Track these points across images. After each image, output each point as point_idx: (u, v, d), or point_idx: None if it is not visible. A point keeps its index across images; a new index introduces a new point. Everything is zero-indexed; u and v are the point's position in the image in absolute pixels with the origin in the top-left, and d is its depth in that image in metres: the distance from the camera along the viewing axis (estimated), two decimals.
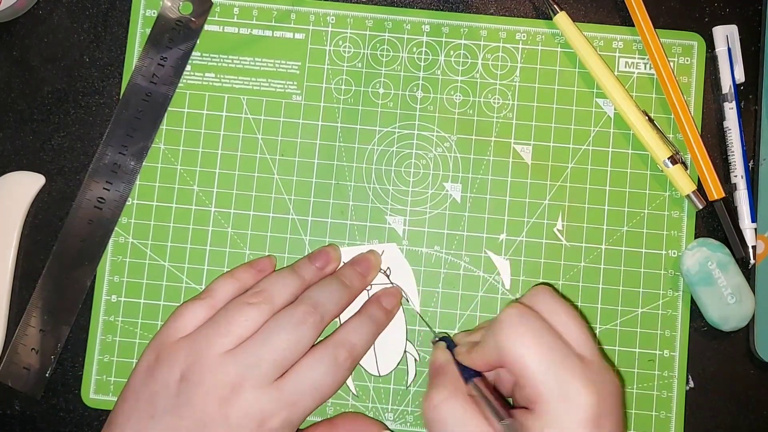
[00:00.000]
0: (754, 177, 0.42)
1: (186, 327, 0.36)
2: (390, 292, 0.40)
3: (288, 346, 0.35)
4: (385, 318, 0.39)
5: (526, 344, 0.31)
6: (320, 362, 0.35)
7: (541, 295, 0.35)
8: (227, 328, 0.35)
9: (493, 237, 0.42)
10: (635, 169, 0.42)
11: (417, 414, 0.41)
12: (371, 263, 0.40)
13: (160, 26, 0.42)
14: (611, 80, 0.41)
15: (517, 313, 0.32)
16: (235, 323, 0.35)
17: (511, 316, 0.32)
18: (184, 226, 0.42)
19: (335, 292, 0.37)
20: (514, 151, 0.42)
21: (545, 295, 0.35)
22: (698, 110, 0.42)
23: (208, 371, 0.34)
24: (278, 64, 0.42)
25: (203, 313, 0.36)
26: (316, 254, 0.40)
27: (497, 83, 0.42)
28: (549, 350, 0.31)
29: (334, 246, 0.41)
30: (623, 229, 0.42)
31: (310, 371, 0.35)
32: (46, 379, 0.41)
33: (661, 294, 0.41)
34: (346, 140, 0.42)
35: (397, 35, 0.43)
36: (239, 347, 0.35)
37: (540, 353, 0.31)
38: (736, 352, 0.41)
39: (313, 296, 0.36)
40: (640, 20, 0.42)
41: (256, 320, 0.35)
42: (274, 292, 0.36)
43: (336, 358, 0.35)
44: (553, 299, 0.34)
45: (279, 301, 0.36)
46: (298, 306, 0.36)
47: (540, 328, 0.32)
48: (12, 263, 0.41)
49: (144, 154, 0.42)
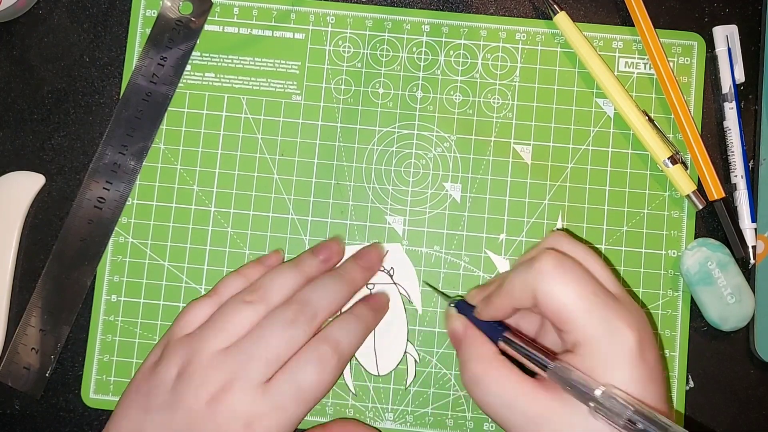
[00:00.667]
0: (754, 177, 0.42)
1: (191, 324, 0.37)
2: (380, 293, 0.40)
3: (278, 344, 0.34)
4: (372, 318, 0.38)
5: (569, 290, 0.31)
6: (305, 362, 0.35)
7: (563, 240, 0.34)
8: (222, 326, 0.35)
9: (493, 237, 0.42)
10: (635, 169, 0.42)
11: (417, 414, 0.41)
12: (374, 257, 0.40)
13: (160, 26, 0.42)
14: (611, 80, 0.41)
15: (555, 260, 0.32)
16: (230, 321, 0.35)
17: (549, 262, 0.31)
18: (184, 226, 0.42)
19: (331, 289, 0.37)
20: (514, 151, 0.42)
21: (567, 240, 0.34)
22: (698, 110, 0.42)
23: (201, 369, 0.34)
24: (278, 64, 0.42)
25: (209, 311, 0.37)
26: (320, 247, 0.40)
27: (497, 83, 0.42)
28: (592, 294, 0.31)
29: (338, 239, 0.41)
30: (623, 229, 0.42)
31: (296, 372, 0.34)
32: (46, 379, 0.41)
33: (661, 294, 0.41)
34: (346, 140, 0.42)
35: (396, 35, 0.43)
36: (233, 346, 0.35)
37: (583, 298, 0.31)
38: (736, 352, 0.41)
39: (306, 294, 0.36)
40: (640, 20, 0.42)
41: (251, 319, 0.35)
42: (272, 289, 0.36)
43: (320, 356, 0.35)
44: (574, 243, 0.34)
45: (276, 299, 0.36)
46: (291, 305, 0.36)
47: (579, 272, 0.32)
48: (12, 263, 0.41)
49: (144, 154, 0.42)
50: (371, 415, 0.41)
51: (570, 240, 0.34)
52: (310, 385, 0.35)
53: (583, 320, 0.31)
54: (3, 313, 0.41)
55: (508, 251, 0.41)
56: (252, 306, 0.36)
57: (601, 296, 0.31)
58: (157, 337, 0.41)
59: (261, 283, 0.37)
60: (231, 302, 0.36)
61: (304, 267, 0.38)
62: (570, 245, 0.34)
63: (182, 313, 0.38)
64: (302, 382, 0.34)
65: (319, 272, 0.38)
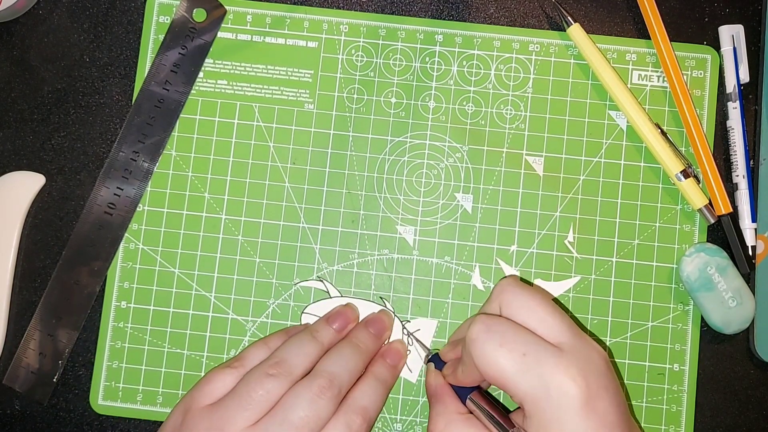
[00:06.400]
0: (755, 177, 0.42)
1: (214, 393, 0.36)
2: (394, 348, 0.40)
3: (307, 423, 0.34)
4: (391, 377, 0.39)
5: (499, 354, 0.31)
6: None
7: (506, 291, 0.34)
8: (248, 402, 0.35)
9: (504, 248, 0.41)
10: (647, 182, 0.42)
11: (426, 425, 0.40)
12: (384, 323, 0.40)
13: (174, 33, 0.42)
14: (624, 92, 0.41)
15: (482, 329, 0.32)
16: (256, 396, 0.35)
17: (477, 333, 0.32)
18: (195, 233, 0.41)
19: (351, 361, 0.37)
20: (526, 162, 0.42)
21: (510, 289, 0.34)
22: (711, 124, 0.42)
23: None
24: (291, 72, 0.42)
25: (232, 381, 0.36)
26: (334, 315, 0.39)
27: (510, 94, 0.42)
28: (522, 355, 0.31)
29: (352, 306, 0.41)
30: (634, 242, 0.41)
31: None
32: (53, 384, 0.41)
33: (671, 308, 0.41)
34: (358, 149, 0.42)
35: (410, 45, 0.43)
36: (259, 423, 0.34)
37: (513, 360, 0.31)
38: (736, 352, 0.41)
39: (329, 368, 0.36)
40: (656, 32, 0.41)
41: (276, 392, 0.35)
42: (294, 361, 0.36)
43: (350, 427, 0.35)
44: (519, 293, 0.34)
45: (298, 371, 0.36)
46: (315, 379, 0.35)
47: (509, 333, 0.32)
48: (12, 263, 0.41)
49: (155, 161, 0.42)
50: (380, 425, 0.40)
51: (517, 289, 0.34)
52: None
53: (518, 382, 0.31)
54: (3, 313, 0.41)
55: (518, 263, 0.41)
56: (276, 378, 0.35)
57: (532, 354, 0.31)
58: (166, 344, 0.41)
59: (282, 355, 0.37)
60: (253, 375, 0.36)
61: (321, 337, 0.38)
62: (516, 295, 0.34)
63: (204, 381, 0.37)
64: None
65: (335, 341, 0.38)
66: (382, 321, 0.40)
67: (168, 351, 0.41)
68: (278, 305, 0.41)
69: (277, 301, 0.41)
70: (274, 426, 0.34)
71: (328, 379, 0.35)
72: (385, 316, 0.40)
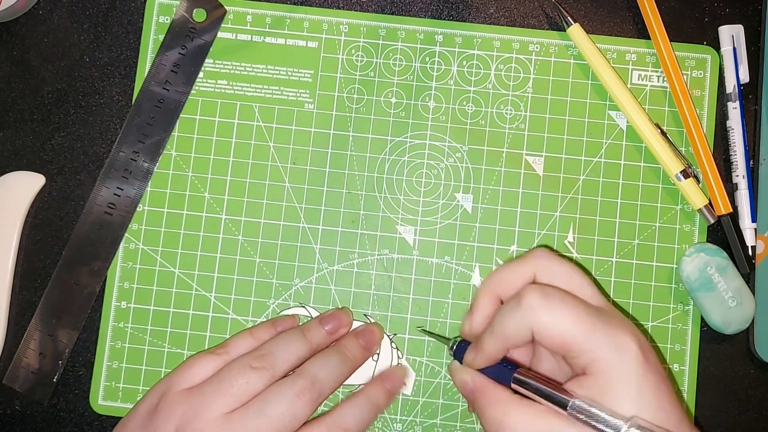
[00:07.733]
0: (755, 177, 0.42)
1: (193, 378, 0.36)
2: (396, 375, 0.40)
3: (283, 419, 0.34)
4: (385, 402, 0.38)
5: (564, 318, 0.31)
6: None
7: (543, 257, 0.34)
8: (228, 389, 0.35)
9: (504, 248, 0.41)
10: (647, 182, 0.42)
11: (426, 425, 0.40)
12: (375, 336, 0.40)
13: (174, 33, 0.42)
14: (624, 92, 0.41)
15: (540, 293, 0.32)
16: (236, 385, 0.35)
17: (536, 298, 0.32)
18: (195, 233, 0.41)
19: (337, 368, 0.37)
20: (526, 162, 0.42)
21: (547, 256, 0.34)
22: (711, 124, 0.42)
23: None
24: (291, 72, 0.42)
25: (213, 368, 0.36)
26: (328, 317, 0.39)
27: (510, 94, 0.42)
28: (587, 315, 0.31)
29: (346, 310, 0.41)
30: (634, 242, 0.41)
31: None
32: (53, 384, 0.41)
33: (671, 308, 0.41)
34: (358, 149, 0.42)
35: (410, 45, 0.43)
36: (235, 412, 0.34)
37: (581, 322, 0.31)
38: (736, 352, 0.42)
39: (314, 371, 0.36)
40: (656, 32, 0.41)
41: (256, 385, 0.35)
42: (279, 357, 0.36)
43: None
44: (556, 260, 0.34)
45: (283, 367, 0.36)
46: (297, 379, 0.35)
47: (566, 298, 0.32)
48: (12, 263, 0.41)
49: (155, 161, 0.42)
50: (380, 425, 0.40)
51: (551, 259, 0.34)
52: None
53: (588, 343, 0.31)
54: (3, 313, 0.41)
55: None
56: (258, 372, 0.35)
57: (594, 315, 0.31)
58: (166, 344, 0.41)
59: (269, 349, 0.37)
60: (237, 364, 0.36)
61: (311, 337, 0.38)
62: (552, 265, 0.34)
63: (185, 364, 0.37)
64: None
65: (325, 343, 0.38)
66: (373, 333, 0.40)
67: (168, 351, 0.41)
68: (278, 305, 0.41)
69: (277, 301, 0.41)
70: (250, 417, 0.34)
71: (311, 381, 0.35)
72: (376, 328, 0.40)
